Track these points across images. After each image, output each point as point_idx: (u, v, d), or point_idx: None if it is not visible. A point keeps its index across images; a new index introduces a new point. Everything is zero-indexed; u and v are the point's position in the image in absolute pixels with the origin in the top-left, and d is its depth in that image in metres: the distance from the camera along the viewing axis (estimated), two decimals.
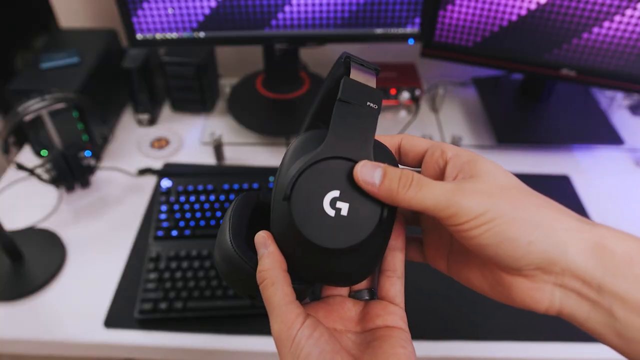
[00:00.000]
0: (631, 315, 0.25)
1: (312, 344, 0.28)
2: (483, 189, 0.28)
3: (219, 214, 0.82)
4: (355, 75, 0.31)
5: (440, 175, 0.32)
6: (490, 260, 0.28)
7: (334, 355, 0.28)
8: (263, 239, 0.31)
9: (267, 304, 0.30)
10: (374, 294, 0.36)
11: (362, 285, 0.36)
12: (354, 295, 0.36)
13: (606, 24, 0.85)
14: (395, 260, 0.34)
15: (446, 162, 0.32)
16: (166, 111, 1.10)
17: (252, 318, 0.71)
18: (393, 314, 0.34)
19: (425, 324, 0.70)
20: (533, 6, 0.88)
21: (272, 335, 0.30)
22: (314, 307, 0.34)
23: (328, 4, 0.88)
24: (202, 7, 0.88)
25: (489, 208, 0.27)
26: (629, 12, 0.82)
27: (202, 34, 0.92)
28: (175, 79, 1.02)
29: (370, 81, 0.32)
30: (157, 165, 0.95)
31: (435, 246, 0.35)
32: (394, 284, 0.34)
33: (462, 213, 0.27)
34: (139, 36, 0.91)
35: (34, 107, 0.74)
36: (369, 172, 0.29)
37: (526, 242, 0.26)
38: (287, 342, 0.29)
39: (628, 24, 0.83)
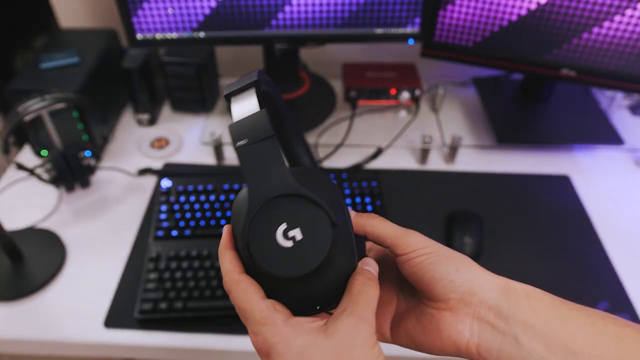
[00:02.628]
0: (530, 339, 0.32)
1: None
2: (425, 240, 0.37)
3: (219, 214, 0.82)
4: (237, 109, 0.34)
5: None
6: (426, 288, 0.35)
7: None
8: (374, 265, 0.37)
9: (367, 303, 0.33)
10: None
11: None
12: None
13: (606, 24, 0.85)
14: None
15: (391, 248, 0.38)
16: (166, 111, 1.10)
17: None
18: None
19: None
20: (533, 6, 0.88)
21: (344, 330, 0.32)
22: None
23: (328, 4, 0.88)
24: (202, 7, 0.88)
25: (429, 245, 0.36)
26: (629, 12, 0.82)
27: (202, 34, 0.92)
28: (175, 79, 1.02)
29: (251, 100, 0.34)
30: (157, 165, 0.95)
31: (380, 314, 0.39)
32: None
33: (410, 244, 0.36)
34: (139, 36, 0.91)
35: (34, 107, 0.74)
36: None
37: (454, 270, 0.34)
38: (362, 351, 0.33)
39: (628, 24, 0.83)
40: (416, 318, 0.37)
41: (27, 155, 0.97)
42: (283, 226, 0.31)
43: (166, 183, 0.87)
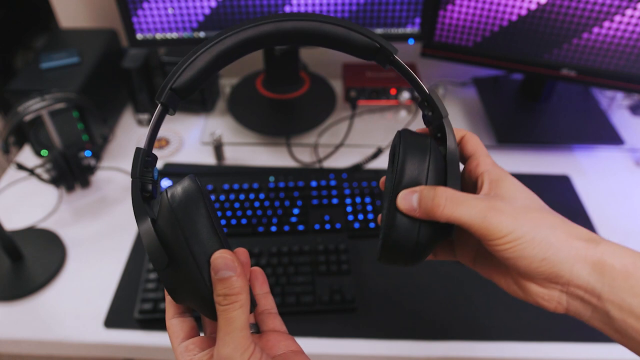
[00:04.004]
0: (626, 317, 0.31)
1: None
2: (509, 210, 0.33)
3: (219, 213, 0.82)
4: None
5: (473, 184, 0.38)
6: (510, 267, 0.34)
7: None
8: (230, 260, 0.31)
9: (225, 325, 0.31)
10: (258, 329, 0.38)
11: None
12: None
13: (606, 24, 0.85)
14: (269, 301, 0.39)
15: (477, 176, 0.37)
16: None
17: None
18: (290, 339, 0.37)
19: (426, 324, 0.70)
20: (533, 6, 0.88)
21: (218, 356, 0.31)
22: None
23: (328, 4, 0.88)
24: (202, 7, 0.88)
25: (514, 229, 0.32)
26: (629, 12, 0.82)
27: (202, 34, 0.92)
28: None
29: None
30: (158, 165, 0.95)
31: (464, 247, 0.40)
32: (276, 318, 0.38)
33: (492, 232, 0.32)
34: (139, 36, 0.91)
35: (34, 107, 0.74)
36: (407, 199, 0.34)
37: (540, 259, 0.32)
38: None
39: (628, 24, 0.83)
40: (501, 273, 0.36)
41: (27, 155, 0.97)
42: None
43: (166, 183, 0.87)
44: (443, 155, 0.36)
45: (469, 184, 0.38)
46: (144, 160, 0.33)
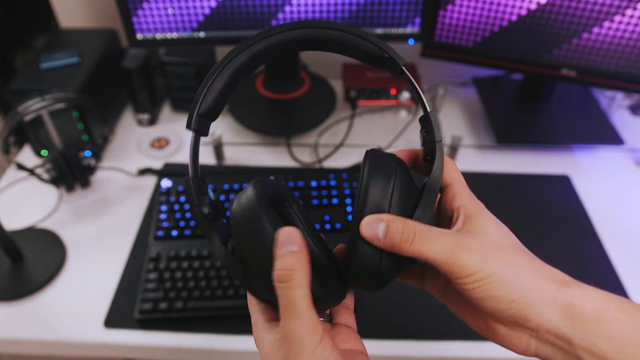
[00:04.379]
0: None
1: (337, 354, 0.30)
2: (478, 247, 0.31)
3: None
4: None
5: (449, 217, 0.35)
6: (478, 308, 0.32)
7: None
8: (292, 234, 0.30)
9: (287, 307, 0.29)
10: (331, 319, 0.38)
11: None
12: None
13: (606, 24, 0.85)
14: (349, 299, 0.39)
15: (454, 210, 0.35)
16: (166, 111, 1.10)
17: None
18: (358, 339, 0.36)
19: (425, 324, 0.70)
20: (533, 6, 0.88)
21: (284, 332, 0.29)
22: None
23: (328, 4, 0.88)
24: (202, 7, 0.88)
25: (482, 268, 0.30)
26: (629, 12, 0.82)
27: (202, 34, 0.92)
28: (175, 79, 1.02)
29: None
30: (157, 165, 0.95)
31: (434, 279, 0.38)
32: (350, 315, 0.38)
33: (459, 270, 0.31)
34: (139, 36, 0.91)
35: (34, 107, 0.74)
36: (372, 228, 0.31)
37: (508, 300, 0.31)
38: (309, 347, 0.29)
39: (628, 24, 0.83)
40: (470, 311, 0.35)
41: (27, 155, 0.97)
42: None
43: (166, 183, 0.87)
44: (424, 182, 0.34)
45: (444, 217, 0.36)
46: (196, 187, 0.34)
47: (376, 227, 0.31)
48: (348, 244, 0.34)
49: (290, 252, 0.29)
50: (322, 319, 0.37)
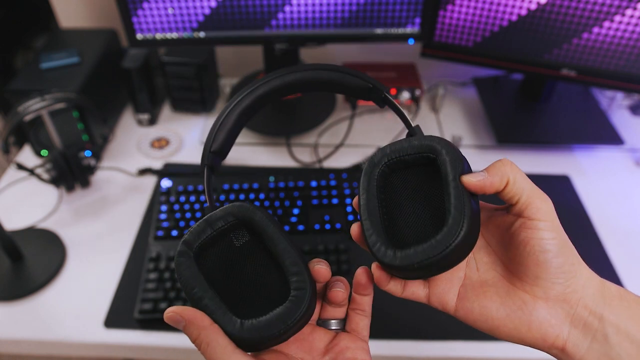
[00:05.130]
0: (622, 340, 0.32)
1: None
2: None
3: None
4: None
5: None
6: (531, 266, 0.33)
7: None
8: (174, 317, 0.32)
9: None
10: (344, 325, 0.38)
11: (330, 315, 0.38)
12: (322, 323, 0.38)
13: (606, 24, 0.85)
14: (365, 303, 0.38)
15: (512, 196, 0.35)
16: (166, 111, 1.10)
17: None
18: (361, 348, 0.36)
19: (426, 324, 0.70)
20: (533, 6, 0.88)
21: None
22: (282, 345, 0.35)
23: (328, 4, 0.88)
24: (202, 7, 0.88)
25: (557, 225, 0.33)
26: (629, 12, 0.82)
27: (202, 34, 0.92)
28: (175, 79, 1.02)
29: None
30: (157, 165, 0.95)
31: (445, 280, 0.37)
32: (363, 320, 0.37)
33: (541, 211, 0.33)
34: (139, 36, 0.91)
35: (34, 107, 0.74)
36: (474, 177, 0.33)
37: (571, 263, 0.33)
38: None
39: (628, 24, 0.83)
40: (500, 300, 0.34)
41: (27, 155, 0.97)
42: None
43: (166, 183, 0.87)
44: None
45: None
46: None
47: (475, 177, 0.33)
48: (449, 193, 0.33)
49: (183, 329, 0.32)
50: (332, 327, 0.37)
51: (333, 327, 0.37)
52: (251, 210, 0.36)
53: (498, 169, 0.33)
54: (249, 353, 0.33)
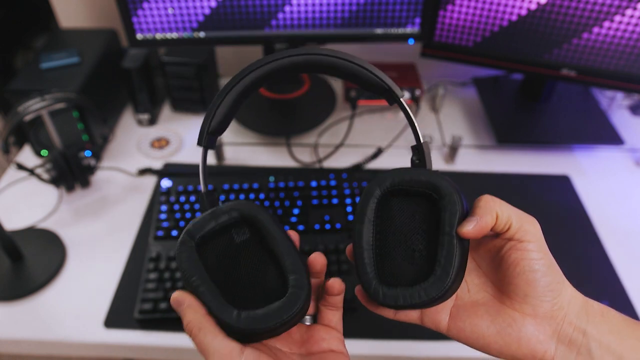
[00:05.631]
0: (604, 354, 0.34)
1: None
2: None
3: None
4: None
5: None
6: (520, 285, 0.35)
7: None
8: (178, 298, 0.34)
9: (202, 351, 0.33)
10: (315, 319, 0.40)
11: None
12: None
13: (606, 24, 0.85)
14: (337, 300, 0.39)
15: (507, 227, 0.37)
16: (166, 111, 1.10)
17: None
18: (336, 338, 0.38)
19: None
20: (533, 6, 0.88)
21: None
22: None
23: (328, 4, 0.88)
24: (202, 7, 0.88)
25: (543, 245, 0.35)
26: (629, 12, 0.82)
27: (202, 34, 0.92)
28: (175, 79, 1.02)
29: None
30: (157, 165, 0.95)
31: (435, 313, 0.39)
32: (335, 315, 0.39)
33: (529, 233, 0.35)
34: (139, 36, 0.91)
35: (34, 107, 0.74)
36: (469, 224, 0.35)
37: (556, 281, 0.35)
38: None
39: (628, 24, 0.83)
40: (490, 318, 0.36)
41: (27, 155, 0.97)
42: None
43: (166, 183, 0.87)
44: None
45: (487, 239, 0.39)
46: (208, 198, 0.40)
47: (470, 224, 0.35)
48: (443, 242, 0.35)
49: (181, 311, 0.34)
50: (306, 323, 0.39)
51: (307, 322, 0.39)
52: (255, 208, 0.37)
53: (485, 207, 0.35)
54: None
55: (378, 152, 0.97)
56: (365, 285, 0.36)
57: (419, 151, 0.38)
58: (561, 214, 0.86)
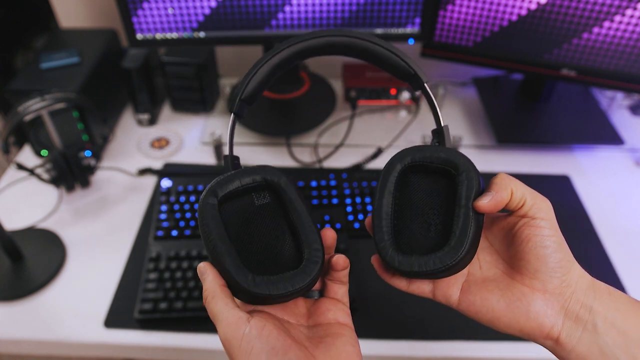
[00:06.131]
0: (609, 329, 0.35)
1: (262, 342, 0.33)
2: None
3: None
4: None
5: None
6: (531, 261, 0.36)
7: (286, 350, 0.33)
8: (200, 269, 0.37)
9: (212, 317, 0.35)
10: (322, 293, 0.41)
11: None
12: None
13: (606, 24, 0.85)
14: (342, 275, 0.40)
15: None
16: (166, 111, 1.10)
17: None
18: (341, 310, 0.39)
19: (426, 324, 0.70)
20: (533, 6, 0.88)
21: (221, 341, 0.34)
22: (269, 308, 0.38)
23: (328, 4, 0.88)
24: (202, 7, 0.88)
25: (555, 223, 0.37)
26: (629, 12, 0.82)
27: (202, 34, 0.92)
28: (175, 79, 1.02)
29: None
30: (157, 165, 0.95)
31: (448, 287, 0.40)
32: (341, 288, 0.40)
33: (543, 211, 0.36)
34: (139, 36, 0.91)
35: (34, 107, 0.74)
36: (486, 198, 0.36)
37: (567, 258, 0.36)
38: (235, 342, 0.33)
39: (628, 24, 0.83)
40: (500, 292, 0.37)
41: (27, 155, 0.97)
42: None
43: (166, 183, 0.87)
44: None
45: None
46: (232, 161, 0.40)
47: (486, 198, 0.36)
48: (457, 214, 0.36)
49: (204, 279, 0.36)
50: (312, 297, 0.40)
51: (315, 297, 0.40)
52: (279, 174, 0.38)
53: (501, 184, 0.36)
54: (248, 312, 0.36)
55: (378, 152, 0.97)
56: (381, 253, 0.37)
57: (440, 134, 0.40)
58: (561, 214, 0.85)
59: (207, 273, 0.36)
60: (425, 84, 0.40)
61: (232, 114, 0.41)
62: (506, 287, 0.37)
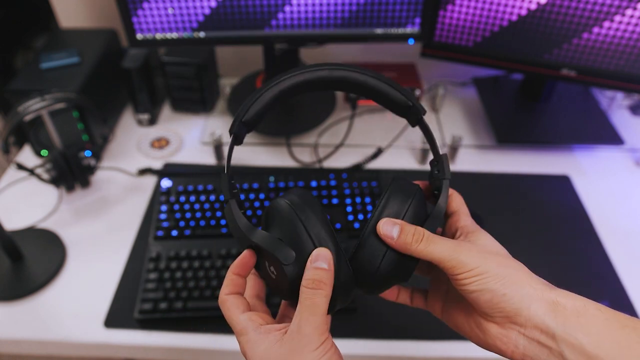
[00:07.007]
0: (578, 356, 0.33)
1: (335, 354, 0.34)
2: (477, 250, 0.37)
3: (219, 214, 0.82)
4: None
5: (452, 236, 0.42)
6: (473, 304, 0.37)
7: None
8: (325, 255, 0.35)
9: (309, 308, 0.34)
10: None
11: None
12: None
13: (606, 24, 0.85)
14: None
15: (457, 229, 0.42)
16: (166, 111, 1.10)
17: None
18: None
19: (426, 324, 0.70)
20: (533, 6, 0.88)
21: (298, 326, 0.34)
22: None
23: (328, 4, 0.88)
24: (202, 7, 0.88)
25: (479, 265, 0.36)
26: (629, 12, 0.82)
27: (202, 34, 0.92)
28: (175, 79, 1.02)
29: None
30: (157, 165, 0.95)
31: (435, 295, 0.45)
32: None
33: (459, 266, 0.36)
34: (139, 36, 0.91)
35: (34, 107, 0.74)
36: (388, 228, 0.37)
37: (501, 294, 0.35)
38: (315, 343, 0.33)
39: (628, 24, 0.83)
40: (464, 315, 0.40)
41: (27, 155, 0.97)
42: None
43: (166, 183, 0.87)
44: (430, 210, 0.40)
45: (448, 236, 0.43)
46: (230, 183, 0.40)
47: (391, 228, 0.37)
48: (359, 242, 0.38)
49: (323, 268, 0.35)
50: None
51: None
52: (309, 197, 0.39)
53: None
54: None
55: (378, 152, 0.97)
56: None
57: (439, 163, 0.42)
58: (561, 214, 0.86)
59: (327, 263, 0.35)
60: (423, 117, 0.42)
61: (232, 135, 0.42)
62: (469, 313, 0.39)
